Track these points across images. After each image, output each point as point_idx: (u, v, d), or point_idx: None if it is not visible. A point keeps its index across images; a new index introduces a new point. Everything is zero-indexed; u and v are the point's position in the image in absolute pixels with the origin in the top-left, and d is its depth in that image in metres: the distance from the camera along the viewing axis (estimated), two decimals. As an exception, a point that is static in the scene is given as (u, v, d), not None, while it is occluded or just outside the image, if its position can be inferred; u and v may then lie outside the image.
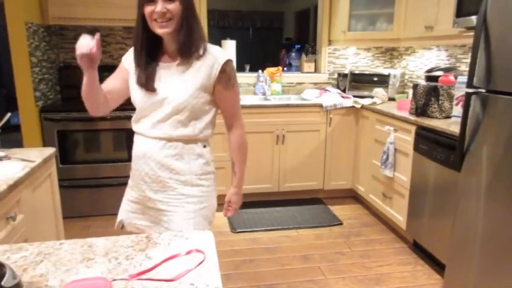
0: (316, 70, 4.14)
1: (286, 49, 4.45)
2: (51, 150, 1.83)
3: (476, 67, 1.94)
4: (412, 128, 2.67)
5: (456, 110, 2.63)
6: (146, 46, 1.35)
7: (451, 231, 2.14)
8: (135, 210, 1.48)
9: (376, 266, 2.57)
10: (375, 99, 3.44)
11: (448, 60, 3.27)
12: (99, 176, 3.20)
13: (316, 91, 3.78)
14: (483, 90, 1.92)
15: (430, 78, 2.96)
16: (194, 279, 0.83)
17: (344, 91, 3.83)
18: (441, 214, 2.41)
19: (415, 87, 2.76)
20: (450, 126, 2.37)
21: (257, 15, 7.88)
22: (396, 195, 2.92)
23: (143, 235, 1.03)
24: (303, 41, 5.13)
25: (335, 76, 4.07)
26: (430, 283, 2.39)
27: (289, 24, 8.03)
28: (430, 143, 2.48)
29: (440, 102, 2.63)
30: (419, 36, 3.15)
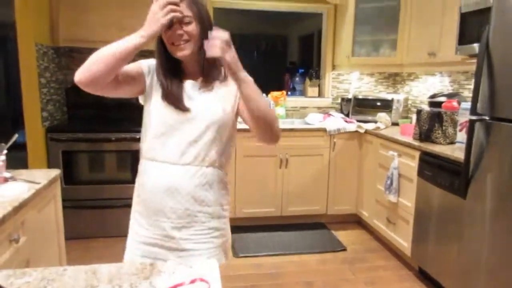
0: (320, 95, 4.18)
1: (290, 73, 4.51)
2: (56, 172, 1.84)
3: (479, 94, 1.96)
4: (416, 154, 2.66)
5: (460, 136, 2.63)
6: (168, 70, 1.31)
7: (456, 258, 2.11)
8: (148, 253, 1.31)
9: (381, 294, 2.52)
10: (378, 124, 3.45)
11: (451, 86, 3.30)
12: (102, 197, 3.19)
13: (320, 116, 3.80)
14: (486, 117, 1.93)
15: (434, 104, 2.98)
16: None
17: (347, 115, 3.85)
18: (446, 241, 2.37)
19: (418, 112, 2.77)
20: (455, 152, 2.37)
21: (261, 39, 8.01)
22: (400, 220, 2.89)
23: (148, 262, 1.02)
24: (307, 65, 5.20)
25: (339, 100, 4.11)
26: (436, 313, 2.34)
27: (293, 48, 8.15)
28: (434, 168, 2.47)
29: (444, 127, 2.64)
30: (422, 62, 3.19)
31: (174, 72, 1.32)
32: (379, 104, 3.72)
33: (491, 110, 1.90)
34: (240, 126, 1.43)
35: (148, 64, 1.34)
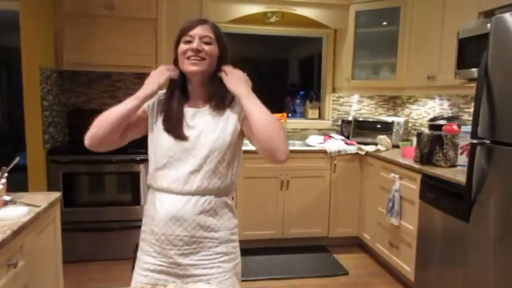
0: (320, 117, 4.20)
1: (291, 95, 4.54)
2: (56, 195, 1.83)
3: (480, 118, 1.97)
4: (418, 176, 2.66)
5: (461, 159, 2.63)
6: (174, 91, 1.32)
7: (461, 284, 2.07)
8: (155, 281, 1.30)
9: (384, 320, 2.47)
10: (379, 146, 3.45)
11: (450, 109, 3.32)
12: (101, 220, 3.16)
13: (320, 137, 3.81)
14: (487, 141, 1.93)
15: (434, 127, 2.99)
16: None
17: (348, 137, 3.86)
18: (450, 266, 2.34)
19: (419, 135, 2.78)
20: (456, 175, 2.36)
21: (262, 62, 8.12)
22: (403, 244, 2.85)
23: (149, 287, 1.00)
24: (307, 87, 5.25)
25: (339, 122, 4.12)
26: None
27: (293, 70, 8.24)
28: (436, 191, 2.46)
29: (444, 151, 2.64)
30: (421, 85, 3.22)
31: (179, 95, 1.33)
32: (379, 126, 3.73)
33: (491, 134, 1.91)
34: (242, 148, 1.43)
35: (148, 104, 1.36)
